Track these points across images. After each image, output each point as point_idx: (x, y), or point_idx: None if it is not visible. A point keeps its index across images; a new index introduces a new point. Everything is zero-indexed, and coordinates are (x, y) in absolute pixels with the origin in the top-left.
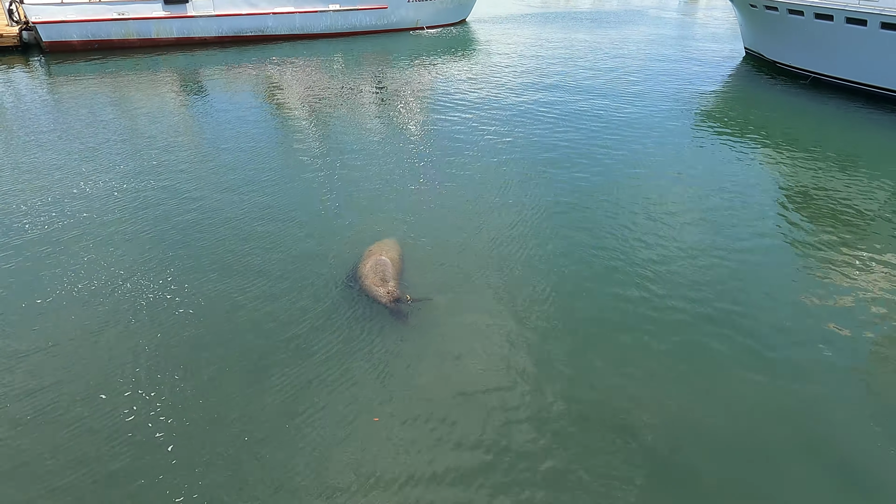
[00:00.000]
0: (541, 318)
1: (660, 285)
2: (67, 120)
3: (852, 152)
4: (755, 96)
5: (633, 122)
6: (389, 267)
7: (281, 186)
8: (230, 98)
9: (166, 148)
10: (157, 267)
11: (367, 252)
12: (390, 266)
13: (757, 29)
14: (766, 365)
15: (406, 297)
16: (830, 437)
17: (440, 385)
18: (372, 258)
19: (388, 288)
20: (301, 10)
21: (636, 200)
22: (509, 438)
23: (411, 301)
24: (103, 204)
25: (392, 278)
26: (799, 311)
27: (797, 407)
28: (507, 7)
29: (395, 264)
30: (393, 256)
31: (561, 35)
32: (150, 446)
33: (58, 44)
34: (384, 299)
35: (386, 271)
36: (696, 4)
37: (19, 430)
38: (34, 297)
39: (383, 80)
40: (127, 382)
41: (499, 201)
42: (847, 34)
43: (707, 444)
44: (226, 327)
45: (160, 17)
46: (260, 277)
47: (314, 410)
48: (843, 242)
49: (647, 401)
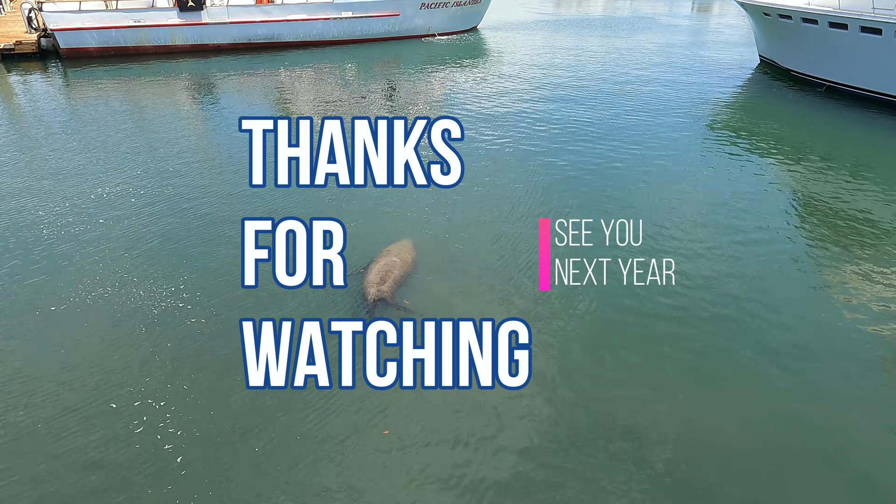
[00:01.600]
0: (550, 328)
1: (672, 295)
2: (84, 124)
3: (868, 161)
4: (770, 105)
5: (646, 131)
6: (396, 269)
7: (295, 193)
8: (244, 104)
9: (181, 153)
10: (171, 274)
11: (384, 251)
12: (398, 268)
13: (771, 37)
14: (783, 376)
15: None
16: (850, 450)
17: (449, 395)
18: (385, 258)
19: (379, 288)
20: (313, 18)
21: (649, 210)
22: (519, 449)
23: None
24: (118, 209)
25: (391, 280)
26: (815, 323)
27: (815, 419)
28: (518, 14)
29: (404, 267)
30: (405, 258)
31: (572, 42)
32: (159, 457)
33: (75, 50)
34: (369, 297)
35: (389, 272)
36: (708, 11)
37: (30, 436)
38: (49, 303)
39: (396, 87)
40: (137, 392)
41: (509, 210)
42: (862, 43)
43: (721, 457)
44: (236, 334)
45: (175, 24)
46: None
47: (323, 421)
48: (859, 253)
49: (659, 411)
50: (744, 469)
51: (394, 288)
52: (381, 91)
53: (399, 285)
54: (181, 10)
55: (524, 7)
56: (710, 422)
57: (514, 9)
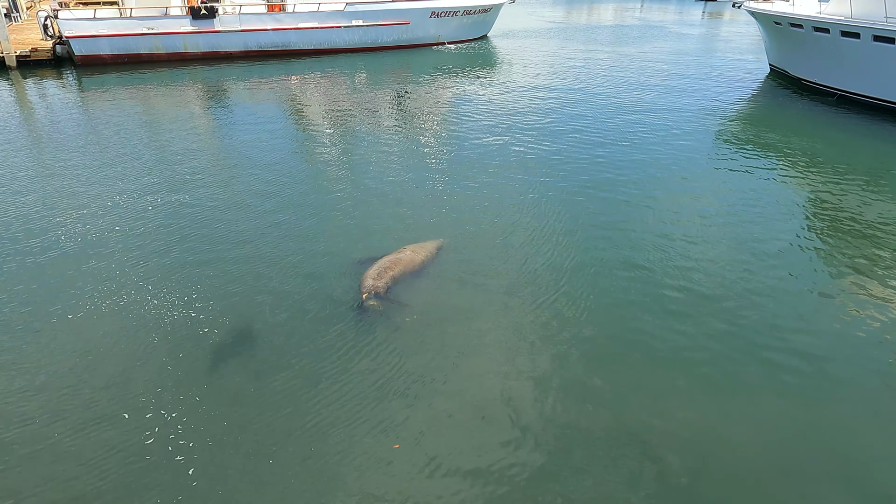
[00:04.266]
0: (562, 337)
1: (684, 304)
2: (97, 130)
3: (881, 171)
4: (780, 114)
5: (657, 141)
6: (398, 266)
7: (308, 200)
8: (256, 111)
9: (194, 159)
10: (185, 283)
11: (403, 248)
12: (400, 265)
13: (781, 46)
14: (797, 387)
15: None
16: (863, 462)
17: (460, 407)
18: (396, 254)
19: (374, 283)
20: (324, 26)
21: (661, 219)
22: (531, 462)
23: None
24: (133, 217)
25: (388, 277)
26: (829, 333)
27: (828, 430)
28: (528, 22)
29: (408, 266)
30: (413, 258)
31: (582, 50)
32: (170, 467)
33: (89, 57)
34: (363, 290)
35: (389, 269)
36: (719, 18)
37: (44, 444)
38: (66, 311)
39: (406, 95)
40: (149, 402)
41: (521, 219)
42: (874, 52)
43: (734, 469)
44: (250, 346)
45: (188, 31)
46: (285, 296)
47: (328, 430)
48: (872, 263)
49: (670, 421)
50: (755, 480)
51: (389, 284)
52: (391, 99)
53: (396, 282)
54: (194, 18)
55: (534, 16)
56: (722, 432)
57: (524, 17)
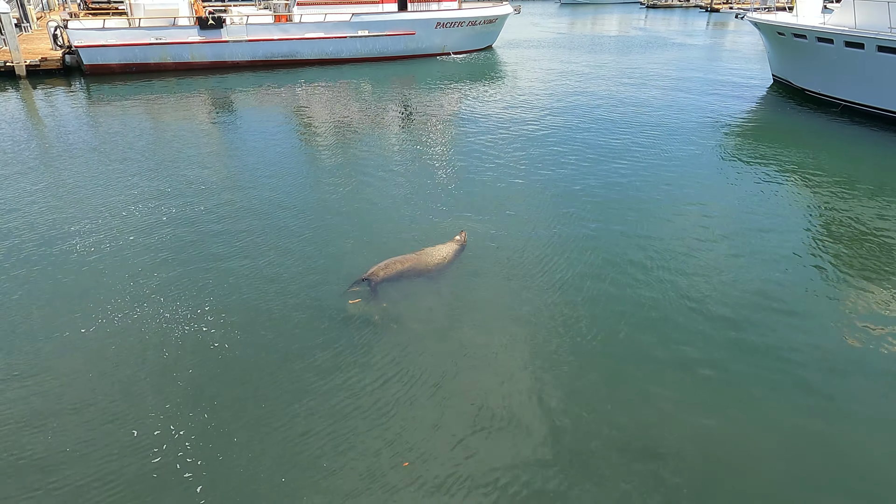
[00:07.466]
0: (569, 347)
1: (693, 315)
2: (106, 139)
3: (887, 181)
4: (784, 125)
5: (660, 152)
6: (406, 263)
7: (316, 208)
8: (263, 120)
9: (203, 167)
10: (195, 294)
11: (423, 250)
12: (408, 263)
13: (785, 56)
14: (806, 399)
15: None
16: (878, 473)
17: (468, 419)
18: (411, 254)
19: (374, 270)
20: (331, 36)
21: (667, 229)
22: (540, 472)
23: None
24: (143, 228)
25: (391, 270)
26: (838, 344)
27: (838, 441)
28: (533, 33)
29: (415, 267)
30: (425, 261)
31: (587, 61)
32: (179, 484)
33: (98, 67)
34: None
35: (394, 265)
36: (724, 27)
37: (54, 457)
38: (79, 325)
39: (411, 105)
40: (157, 418)
41: (529, 231)
42: (878, 62)
43: (744, 479)
44: (258, 359)
45: (195, 41)
46: (297, 307)
47: (349, 454)
48: (880, 274)
49: (679, 431)
50: (765, 490)
51: (385, 276)
52: (396, 109)
53: (393, 278)
54: (201, 28)
55: (539, 27)
56: (733, 442)
57: (529, 28)
